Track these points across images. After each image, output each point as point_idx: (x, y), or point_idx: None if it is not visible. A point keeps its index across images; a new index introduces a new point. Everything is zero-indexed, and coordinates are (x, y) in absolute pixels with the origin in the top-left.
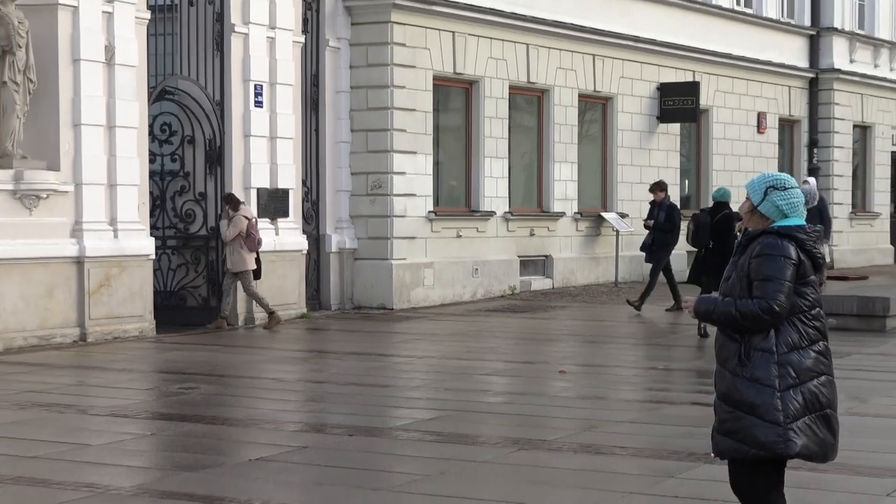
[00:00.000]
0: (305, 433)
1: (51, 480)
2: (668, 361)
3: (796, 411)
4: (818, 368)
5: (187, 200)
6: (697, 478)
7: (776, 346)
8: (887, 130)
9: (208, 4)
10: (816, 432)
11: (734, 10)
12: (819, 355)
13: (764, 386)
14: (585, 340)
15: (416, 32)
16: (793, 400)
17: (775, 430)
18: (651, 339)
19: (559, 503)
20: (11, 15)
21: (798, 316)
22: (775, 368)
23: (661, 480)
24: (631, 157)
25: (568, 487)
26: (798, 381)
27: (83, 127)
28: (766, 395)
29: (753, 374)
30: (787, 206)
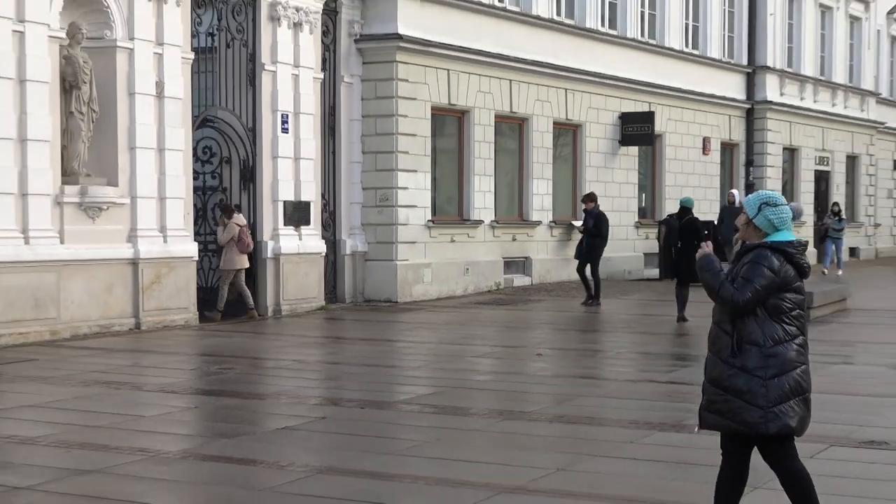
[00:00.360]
0: (324, 406)
1: (110, 446)
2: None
3: (780, 396)
4: (800, 359)
5: None
6: (654, 443)
7: (763, 340)
8: (811, 152)
9: (242, 46)
10: (799, 412)
11: (683, 51)
12: (800, 347)
13: (753, 375)
14: (559, 328)
15: (417, 70)
16: (777, 387)
17: (759, 412)
18: (615, 327)
19: (537, 465)
20: (78, 56)
21: (781, 316)
22: (763, 360)
23: (623, 445)
24: (597, 174)
25: (545, 451)
26: (783, 371)
27: (137, 150)
28: (754, 383)
29: (745, 364)
30: (777, 220)
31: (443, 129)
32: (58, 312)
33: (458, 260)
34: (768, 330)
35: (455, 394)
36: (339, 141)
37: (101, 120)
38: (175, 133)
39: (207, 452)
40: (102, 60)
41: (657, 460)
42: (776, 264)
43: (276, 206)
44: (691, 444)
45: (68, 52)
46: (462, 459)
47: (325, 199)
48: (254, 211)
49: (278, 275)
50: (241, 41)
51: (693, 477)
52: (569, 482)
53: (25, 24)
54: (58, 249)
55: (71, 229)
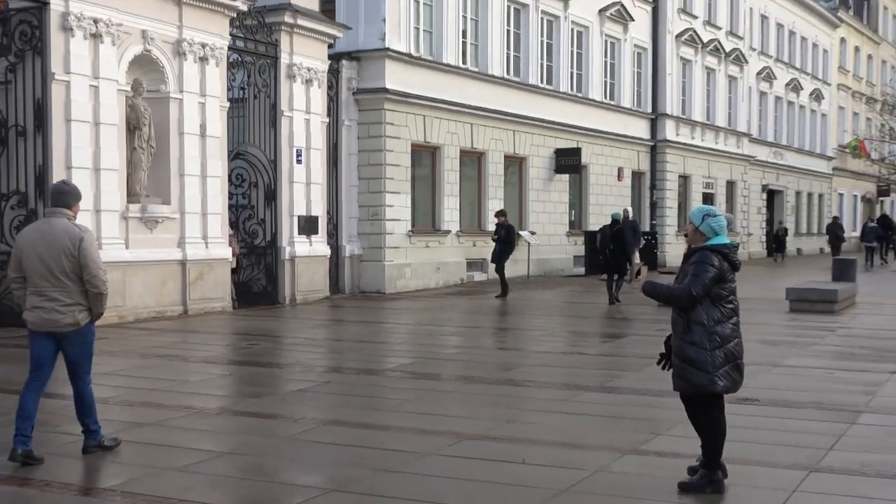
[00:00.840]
0: (328, 373)
1: (163, 404)
2: (563, 326)
3: (720, 363)
4: (734, 335)
5: (252, 224)
6: (583, 401)
7: (706, 321)
8: (700, 179)
9: (266, 98)
10: (733, 376)
11: (603, 101)
12: (734, 326)
13: (700, 348)
14: (508, 313)
15: (400, 116)
16: (718, 356)
17: (706, 376)
18: (551, 311)
19: (492, 417)
20: (140, 104)
21: (720, 302)
22: (707, 336)
23: (558, 403)
24: (537, 196)
25: (498, 407)
26: (721, 344)
27: (185, 176)
28: (701, 354)
29: (692, 339)
30: (717, 226)
31: (420, 160)
32: (123, 302)
33: (432, 261)
34: (710, 313)
35: (429, 363)
36: (341, 170)
37: (157, 153)
38: (214, 163)
39: (238, 409)
40: (159, 108)
41: (585, 414)
42: (715, 261)
43: (292, 220)
44: (611, 402)
45: (132, 101)
46: (434, 414)
47: (329, 215)
48: (275, 224)
49: (294, 272)
50: (265, 93)
51: (613, 427)
52: (516, 431)
53: (100, 80)
54: (123, 253)
55: (134, 237)
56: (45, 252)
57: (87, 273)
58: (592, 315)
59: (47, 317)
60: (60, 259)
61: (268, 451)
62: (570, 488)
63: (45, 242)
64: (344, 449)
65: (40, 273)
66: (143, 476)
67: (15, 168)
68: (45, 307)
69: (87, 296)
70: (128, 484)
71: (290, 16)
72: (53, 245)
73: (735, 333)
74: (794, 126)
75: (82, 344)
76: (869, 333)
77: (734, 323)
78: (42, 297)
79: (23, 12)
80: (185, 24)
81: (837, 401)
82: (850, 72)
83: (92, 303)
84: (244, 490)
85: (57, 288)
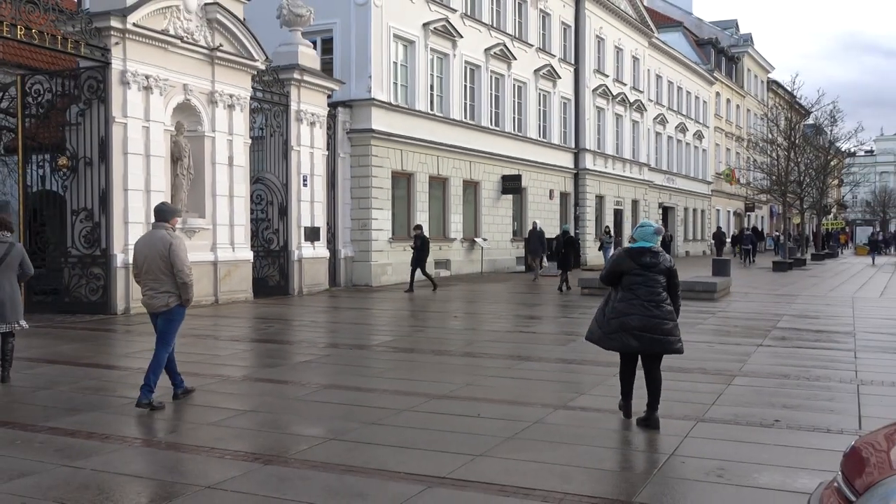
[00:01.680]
0: (328, 348)
1: (198, 373)
2: (507, 311)
3: (615, 329)
4: (628, 310)
5: (269, 233)
6: (525, 368)
7: (611, 300)
8: (612, 199)
9: (280, 136)
10: (624, 341)
11: (538, 139)
12: (630, 303)
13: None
14: (467, 300)
15: (383, 150)
16: (613, 324)
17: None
18: (498, 300)
19: (454, 381)
20: (182, 141)
21: (626, 287)
22: (612, 311)
23: (504, 370)
24: (488, 211)
25: (458, 374)
26: (619, 315)
27: (217, 196)
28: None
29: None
30: (637, 235)
31: (398, 184)
32: None
33: (408, 261)
34: (614, 294)
35: (406, 340)
36: (337, 191)
37: (195, 179)
38: (240, 186)
39: (258, 376)
40: (196, 143)
41: (526, 378)
42: (623, 259)
43: (300, 230)
44: (546, 369)
45: (176, 138)
46: (409, 379)
47: (328, 225)
48: (287, 233)
49: (301, 270)
50: (279, 133)
51: (547, 388)
52: (474, 392)
53: (150, 122)
54: None
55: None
56: (149, 254)
57: (175, 268)
58: (530, 302)
59: (148, 301)
60: (157, 259)
61: (280, 410)
62: (514, 436)
63: (148, 247)
64: (339, 407)
65: (146, 270)
66: (183, 429)
67: (84, 191)
68: (148, 294)
69: (177, 286)
70: (171, 436)
71: (298, 73)
72: (153, 249)
73: (636, 309)
74: (682, 158)
75: (168, 321)
76: (741, 316)
77: (639, 304)
78: (147, 287)
79: (90, 70)
80: (216, 79)
81: (717, 367)
82: (723, 117)
83: (181, 291)
84: (262, 440)
85: (155, 280)
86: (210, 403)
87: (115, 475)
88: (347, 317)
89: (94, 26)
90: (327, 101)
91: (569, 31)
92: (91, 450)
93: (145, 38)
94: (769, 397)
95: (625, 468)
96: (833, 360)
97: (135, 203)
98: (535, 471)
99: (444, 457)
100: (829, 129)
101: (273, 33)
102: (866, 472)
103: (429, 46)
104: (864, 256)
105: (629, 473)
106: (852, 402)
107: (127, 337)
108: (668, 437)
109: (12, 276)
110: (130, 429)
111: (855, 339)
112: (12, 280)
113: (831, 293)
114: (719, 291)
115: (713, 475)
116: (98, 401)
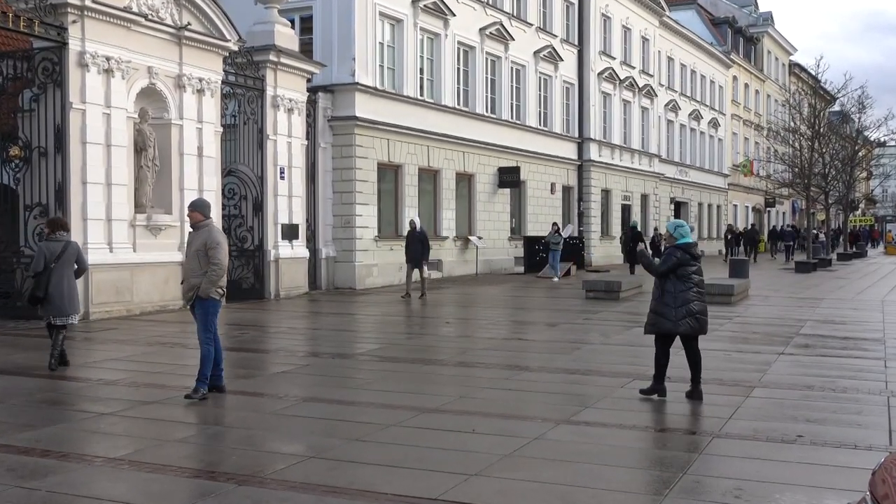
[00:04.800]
0: (308, 357)
1: (166, 385)
2: (505, 316)
3: (682, 315)
4: (694, 297)
5: (242, 231)
6: (524, 379)
7: (673, 289)
8: (619, 193)
9: (254, 124)
10: (690, 324)
11: (538, 127)
12: (695, 293)
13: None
14: (461, 305)
15: (367, 139)
16: (681, 311)
17: (670, 323)
18: (495, 304)
19: (446, 394)
20: (146, 129)
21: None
22: (672, 297)
23: (501, 381)
24: (483, 206)
25: (450, 385)
26: (685, 303)
27: (185, 190)
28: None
29: (664, 300)
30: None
31: (384, 177)
32: (131, 297)
33: (395, 261)
34: (676, 284)
35: (392, 348)
36: (318, 184)
37: (160, 171)
38: (210, 179)
39: (230, 388)
40: (162, 132)
41: (525, 391)
42: (679, 253)
43: (276, 227)
44: (547, 380)
45: (139, 126)
46: (397, 391)
47: (308, 222)
48: (262, 230)
49: (278, 271)
50: (253, 120)
51: (548, 401)
52: (467, 405)
53: (111, 108)
54: (131, 256)
55: (140, 242)
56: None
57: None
58: (530, 307)
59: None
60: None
61: (255, 425)
62: (512, 453)
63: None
64: (320, 422)
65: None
66: (147, 447)
67: (38, 184)
68: (184, 287)
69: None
70: (135, 454)
71: (274, 55)
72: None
73: (694, 296)
74: (695, 148)
75: (202, 312)
76: (760, 321)
77: (695, 292)
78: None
79: (45, 51)
80: (184, 61)
81: (735, 377)
82: (741, 104)
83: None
84: (235, 458)
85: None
86: (178, 418)
87: (73, 497)
88: (329, 323)
89: (50, 3)
90: (307, 85)
91: (572, 8)
92: (47, 469)
93: (106, 15)
94: (791, 410)
95: (633, 489)
96: (861, 370)
97: (94, 197)
98: (533, 491)
99: (436, 476)
100: (856, 116)
101: (247, 11)
102: None
103: (418, 25)
104: (894, 256)
105: (638, 495)
106: (882, 415)
107: (86, 345)
108: (681, 454)
109: (69, 271)
110: (90, 446)
111: (885, 347)
112: (70, 275)
113: (859, 296)
114: (737, 294)
115: (730, 496)
116: (55, 415)
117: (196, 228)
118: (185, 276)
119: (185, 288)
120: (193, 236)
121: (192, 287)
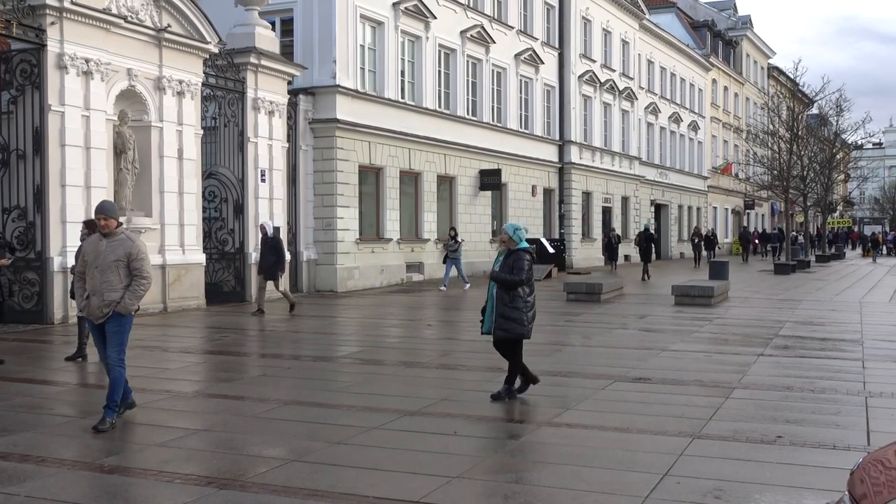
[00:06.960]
0: (290, 360)
1: (146, 388)
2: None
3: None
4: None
5: (223, 234)
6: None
7: (523, 294)
8: (600, 195)
9: (235, 126)
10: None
11: (519, 130)
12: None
13: (520, 311)
14: (442, 308)
15: (348, 142)
16: (529, 316)
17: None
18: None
19: (428, 396)
20: (125, 131)
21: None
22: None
23: (482, 383)
24: (465, 209)
25: (432, 388)
26: (532, 308)
27: (165, 193)
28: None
29: (515, 305)
30: (519, 237)
31: (366, 179)
32: None
33: (377, 264)
34: (524, 290)
35: (374, 351)
36: (299, 187)
37: (140, 174)
38: (190, 182)
39: (211, 392)
40: (142, 134)
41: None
42: (529, 257)
43: (257, 230)
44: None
45: (119, 129)
46: (379, 394)
47: (289, 225)
48: (243, 233)
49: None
50: (233, 123)
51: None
52: (449, 408)
53: (91, 111)
54: None
55: None
56: None
57: None
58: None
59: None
60: None
61: (236, 428)
62: (494, 455)
63: (96, 253)
64: (302, 425)
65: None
66: (128, 452)
67: (16, 187)
68: (92, 301)
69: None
70: (115, 458)
71: (255, 57)
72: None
73: (533, 301)
74: (675, 151)
75: (119, 331)
76: (740, 322)
77: (533, 297)
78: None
79: (23, 52)
80: (164, 63)
81: (714, 379)
82: (720, 107)
83: None
84: (216, 462)
85: (105, 286)
86: (158, 422)
87: (52, 502)
88: (310, 325)
89: (28, 4)
90: (287, 87)
91: (552, 11)
92: (25, 474)
93: (85, 17)
94: (771, 411)
95: (614, 490)
96: (839, 371)
97: (73, 200)
98: (516, 493)
99: (418, 479)
100: (834, 119)
101: (227, 13)
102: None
103: (399, 28)
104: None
105: (619, 496)
106: (860, 415)
107: (65, 349)
108: (662, 456)
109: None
110: (69, 451)
111: (863, 348)
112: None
113: (837, 298)
114: (716, 296)
115: (710, 496)
116: (33, 419)
117: (107, 236)
118: (95, 290)
119: (98, 303)
120: (106, 245)
121: (110, 302)
